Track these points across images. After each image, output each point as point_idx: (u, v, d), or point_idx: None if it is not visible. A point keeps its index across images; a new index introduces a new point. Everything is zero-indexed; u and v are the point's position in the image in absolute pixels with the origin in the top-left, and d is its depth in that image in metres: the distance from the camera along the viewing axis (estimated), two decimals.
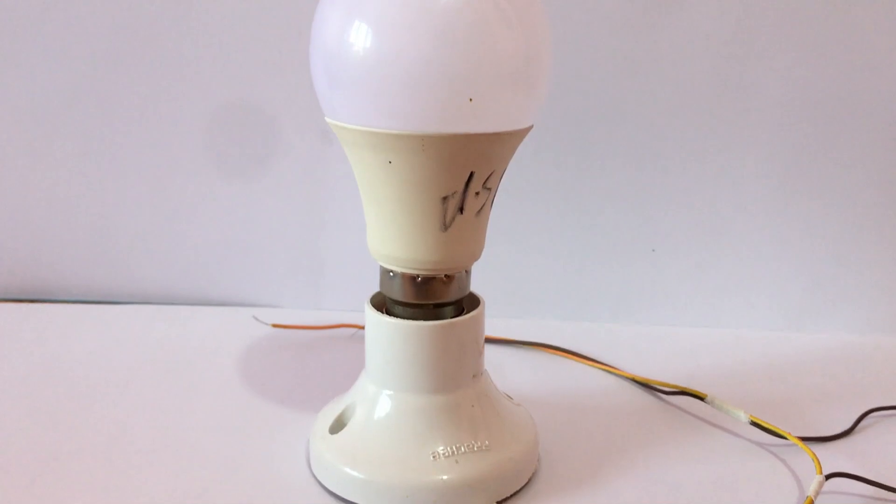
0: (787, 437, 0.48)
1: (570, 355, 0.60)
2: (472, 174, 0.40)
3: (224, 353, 0.59)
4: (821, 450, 0.48)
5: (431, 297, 0.43)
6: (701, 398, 0.52)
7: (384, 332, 0.43)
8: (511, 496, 0.44)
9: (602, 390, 0.56)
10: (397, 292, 0.43)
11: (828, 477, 0.44)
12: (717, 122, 0.64)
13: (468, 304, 0.45)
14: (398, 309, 0.44)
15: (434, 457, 0.42)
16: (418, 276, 0.43)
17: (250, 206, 0.67)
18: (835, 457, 0.48)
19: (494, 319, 0.66)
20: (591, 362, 0.59)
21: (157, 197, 0.68)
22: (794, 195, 0.65)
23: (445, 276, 0.43)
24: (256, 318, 0.62)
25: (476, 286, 0.46)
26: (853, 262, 0.66)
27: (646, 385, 0.56)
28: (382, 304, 0.45)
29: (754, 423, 0.49)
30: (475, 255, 0.44)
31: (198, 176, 0.67)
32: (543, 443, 0.49)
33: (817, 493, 0.42)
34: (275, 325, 0.61)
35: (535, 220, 0.66)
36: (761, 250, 0.66)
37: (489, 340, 0.62)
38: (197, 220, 0.68)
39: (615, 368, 0.58)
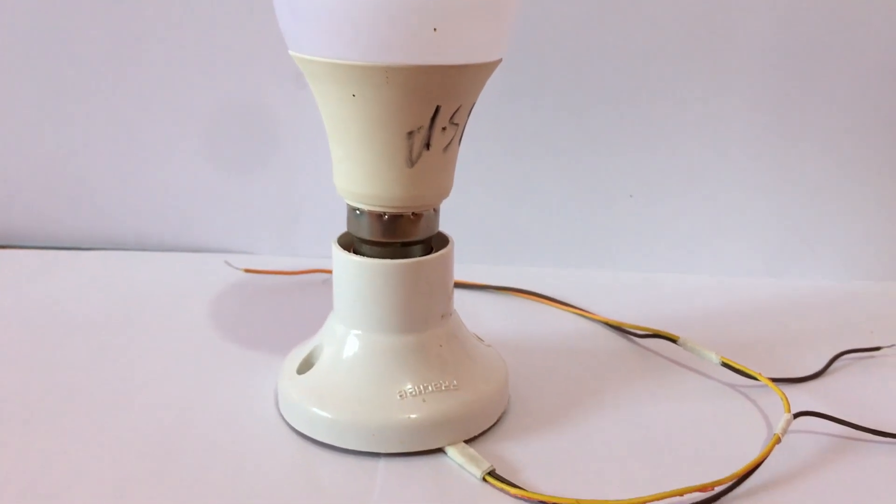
0: (758, 377, 0.48)
1: (544, 300, 0.60)
2: (438, 108, 0.39)
3: (195, 299, 0.59)
4: (791, 390, 0.48)
5: (399, 235, 0.42)
6: (673, 340, 0.52)
7: (351, 271, 0.43)
8: (479, 435, 0.43)
9: (575, 334, 0.56)
10: (364, 231, 0.43)
11: (796, 415, 0.44)
12: (697, 68, 0.63)
13: (437, 243, 0.45)
14: (366, 248, 0.43)
15: (401, 396, 0.42)
16: (385, 213, 0.42)
17: (224, 150, 0.66)
18: (805, 397, 0.48)
19: (469, 265, 0.65)
20: (565, 307, 0.59)
21: (128, 142, 0.66)
22: (774, 141, 0.64)
23: (413, 213, 0.42)
24: (228, 264, 0.61)
25: (451, 231, 0.45)
26: (833, 208, 0.65)
27: (619, 328, 0.56)
28: (351, 244, 0.44)
29: (725, 365, 0.49)
30: (443, 193, 0.43)
31: (169, 120, 0.66)
32: (514, 384, 0.48)
33: (785, 430, 0.42)
34: (247, 271, 0.60)
35: (510, 165, 0.65)
36: (740, 196, 0.65)
37: (464, 286, 0.62)
38: (169, 165, 0.67)
39: (589, 312, 0.58)
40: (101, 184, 0.67)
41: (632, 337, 0.55)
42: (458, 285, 0.62)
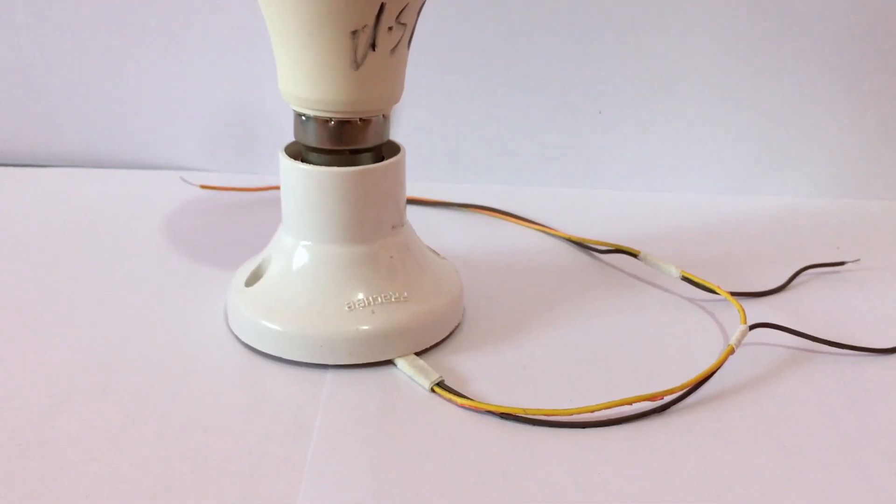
0: (717, 290, 0.47)
1: (506, 217, 0.59)
2: (382, 6, 0.37)
3: (150, 215, 0.57)
4: (751, 304, 0.48)
5: (346, 142, 0.41)
6: (634, 255, 0.51)
7: (298, 179, 0.41)
8: (431, 348, 0.43)
9: (537, 250, 0.55)
10: (311, 138, 0.41)
11: (752, 327, 0.43)
12: None
13: (388, 152, 0.43)
14: (313, 156, 0.42)
15: (350, 307, 0.41)
16: (331, 119, 0.40)
17: (180, 64, 0.64)
18: (765, 311, 0.47)
19: (432, 183, 0.64)
20: (527, 223, 0.58)
21: (82, 55, 0.64)
22: (744, 55, 0.62)
23: (360, 119, 0.41)
24: (184, 180, 0.60)
25: (414, 149, 0.44)
26: (803, 125, 0.64)
27: (580, 244, 0.55)
28: (299, 153, 0.43)
29: (685, 279, 0.48)
30: (392, 98, 0.41)
31: (124, 32, 0.63)
32: (471, 298, 0.48)
33: (740, 341, 0.42)
34: (203, 187, 0.59)
35: (475, 80, 0.64)
36: (709, 112, 0.64)
37: (425, 203, 0.60)
38: (125, 80, 0.64)
39: (551, 229, 0.57)
40: (54, 99, 0.65)
41: (593, 253, 0.54)
42: (419, 202, 0.61)
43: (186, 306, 0.46)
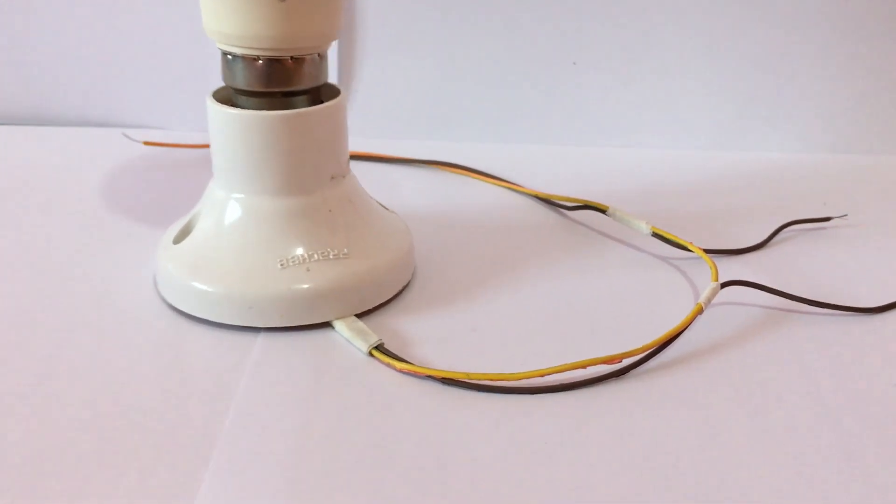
0: (690, 247, 0.43)
1: (472, 174, 0.55)
2: None
3: (90, 173, 0.54)
4: (728, 262, 0.44)
5: (278, 83, 0.37)
6: (602, 211, 0.47)
7: (226, 125, 0.38)
8: (374, 309, 0.39)
9: (503, 208, 0.51)
10: (239, 79, 0.38)
11: (724, 285, 0.39)
12: None
13: (327, 95, 0.40)
14: (242, 100, 0.38)
15: (282, 265, 0.37)
16: (259, 57, 0.37)
17: (124, 14, 0.60)
18: (742, 269, 0.44)
19: (394, 140, 0.61)
20: (494, 180, 0.54)
21: (22, 8, 0.60)
22: (727, 7, 0.58)
23: (292, 58, 0.37)
24: (127, 136, 0.56)
25: (374, 103, 0.40)
26: (790, 75, 0.60)
27: (547, 201, 0.51)
28: (229, 98, 0.39)
29: (656, 235, 0.45)
30: (327, 34, 0.38)
31: None
32: (425, 257, 0.44)
33: (709, 300, 0.38)
34: (146, 143, 0.55)
35: (441, 30, 0.60)
36: (691, 65, 0.60)
37: (385, 160, 0.57)
38: (66, 34, 0.60)
39: (518, 185, 0.53)
40: None
41: (561, 210, 0.51)
42: (380, 159, 0.57)
43: (117, 265, 0.43)
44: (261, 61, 0.37)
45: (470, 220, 0.49)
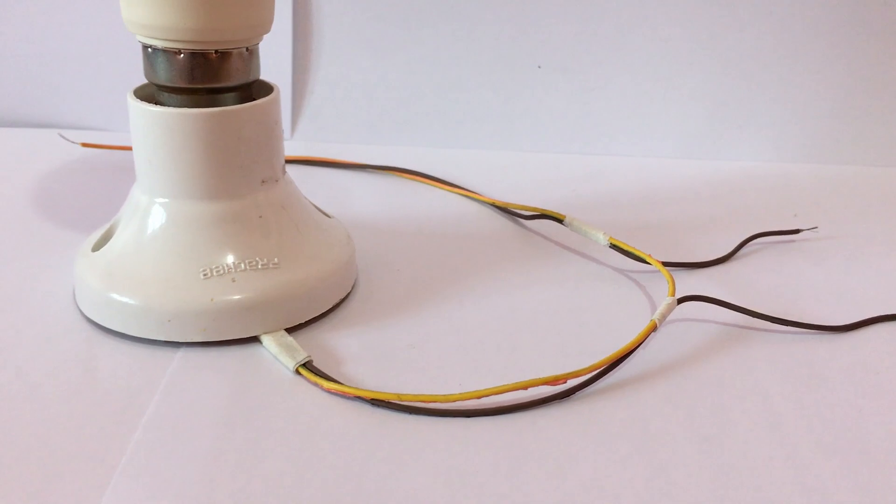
0: (648, 260, 0.41)
1: (427, 180, 0.53)
2: None
3: (22, 175, 0.51)
4: (689, 275, 0.42)
5: (202, 79, 0.35)
6: (559, 220, 0.45)
7: (147, 124, 0.35)
8: (307, 323, 0.37)
9: (457, 216, 0.49)
10: (161, 74, 0.35)
11: (681, 300, 0.37)
12: None
13: (260, 93, 0.37)
14: (165, 97, 0.36)
15: (205, 275, 0.35)
16: (180, 50, 0.34)
17: (67, 12, 0.57)
18: (704, 283, 0.41)
19: (349, 145, 0.58)
20: (449, 187, 0.52)
21: None
22: (699, 4, 0.56)
23: (217, 51, 0.34)
24: (64, 137, 0.53)
25: (330, 106, 0.37)
26: (763, 82, 0.58)
27: (504, 210, 0.49)
28: (152, 96, 0.36)
29: (614, 246, 0.42)
30: (256, 27, 0.35)
31: None
32: (370, 268, 0.41)
33: (664, 316, 0.35)
34: (85, 145, 0.52)
35: (401, 30, 0.57)
36: (660, 68, 0.58)
37: (338, 165, 0.54)
38: (3, 32, 0.58)
39: (474, 193, 0.51)
40: None
41: (518, 219, 0.48)
42: (332, 164, 0.54)
43: (39, 274, 0.40)
44: (182, 55, 0.34)
45: (421, 229, 0.47)
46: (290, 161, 0.54)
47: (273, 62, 0.57)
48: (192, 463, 0.28)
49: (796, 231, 0.47)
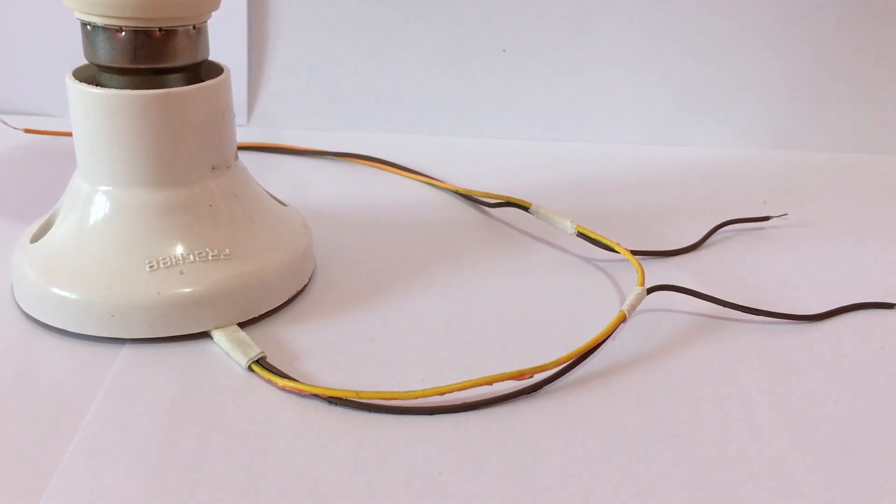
0: (616, 248, 0.39)
1: (388, 167, 0.51)
2: None
3: None
4: (658, 264, 0.41)
5: (145, 59, 0.33)
6: (525, 208, 0.43)
7: (86, 106, 0.33)
8: (261, 317, 0.35)
9: (419, 204, 0.47)
10: (101, 54, 0.33)
11: (650, 290, 0.36)
12: None
13: (209, 74, 0.35)
14: (106, 78, 0.33)
15: (151, 267, 0.33)
16: (121, 28, 0.32)
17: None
18: (672, 272, 0.40)
19: (307, 131, 0.56)
20: (411, 174, 0.50)
21: None
22: None
23: (160, 29, 0.32)
24: (5, 123, 0.51)
25: (285, 91, 0.35)
26: (732, 68, 0.57)
27: (468, 197, 0.47)
28: (93, 78, 0.34)
29: (581, 235, 0.41)
30: (204, 3, 0.33)
31: None
32: (328, 258, 0.40)
33: (634, 307, 0.34)
34: (27, 131, 0.50)
35: (361, 12, 0.55)
36: (628, 52, 0.56)
37: (295, 152, 0.52)
38: None
39: (436, 180, 0.49)
40: None
41: (482, 207, 0.47)
42: (290, 151, 0.52)
43: None
44: (123, 33, 0.32)
45: (383, 218, 0.45)
46: (245, 147, 0.52)
47: (227, 44, 0.55)
48: (136, 467, 0.27)
49: (766, 218, 0.46)
